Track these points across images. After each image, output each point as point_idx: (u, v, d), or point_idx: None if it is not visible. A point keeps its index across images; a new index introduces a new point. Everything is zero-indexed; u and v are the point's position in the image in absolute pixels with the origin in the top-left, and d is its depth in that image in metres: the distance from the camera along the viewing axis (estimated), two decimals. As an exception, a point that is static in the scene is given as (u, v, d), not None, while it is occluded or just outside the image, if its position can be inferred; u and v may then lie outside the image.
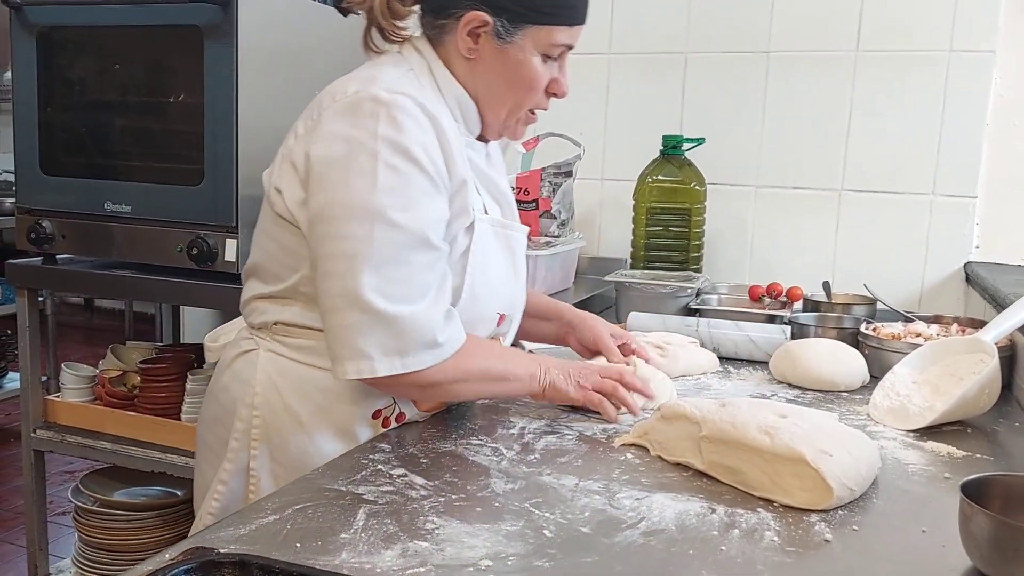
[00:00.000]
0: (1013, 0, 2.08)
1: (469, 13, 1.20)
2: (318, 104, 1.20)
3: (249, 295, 1.29)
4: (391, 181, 1.12)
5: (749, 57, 2.29)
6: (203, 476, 1.31)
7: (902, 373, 1.43)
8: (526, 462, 1.12)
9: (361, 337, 1.12)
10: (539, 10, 1.21)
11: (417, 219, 1.14)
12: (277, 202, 1.20)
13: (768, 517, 0.98)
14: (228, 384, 1.27)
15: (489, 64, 1.23)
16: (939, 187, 2.16)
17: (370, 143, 1.12)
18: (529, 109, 1.29)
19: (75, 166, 2.17)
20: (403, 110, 1.14)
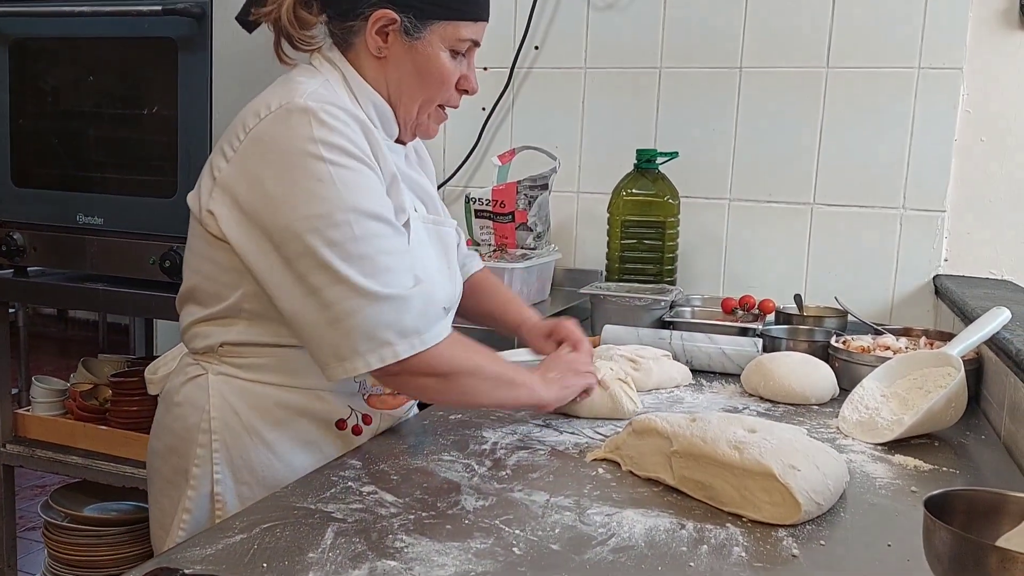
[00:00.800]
0: (980, 18, 2.11)
1: (377, 12, 1.22)
2: (241, 124, 1.19)
3: (188, 321, 1.27)
4: (345, 178, 1.13)
5: (722, 73, 2.31)
6: (161, 509, 1.28)
7: (871, 386, 1.45)
8: (497, 478, 1.12)
9: (375, 327, 1.11)
10: (444, 5, 1.24)
11: (381, 207, 1.16)
12: (211, 224, 1.18)
13: (737, 532, 0.99)
14: (180, 413, 1.25)
15: (399, 62, 1.25)
16: (908, 201, 2.19)
17: (313, 149, 1.13)
18: (439, 105, 1.31)
19: (47, 178, 2.15)
20: (330, 114, 1.15)
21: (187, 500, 1.22)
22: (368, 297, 1.11)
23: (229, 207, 1.17)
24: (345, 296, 1.11)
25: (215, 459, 1.21)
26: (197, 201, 1.22)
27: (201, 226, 1.21)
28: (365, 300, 1.11)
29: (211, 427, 1.21)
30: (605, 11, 2.41)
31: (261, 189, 1.14)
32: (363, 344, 1.12)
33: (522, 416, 1.38)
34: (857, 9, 2.18)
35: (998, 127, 2.13)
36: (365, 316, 1.11)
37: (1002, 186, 2.14)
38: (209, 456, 1.22)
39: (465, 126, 2.53)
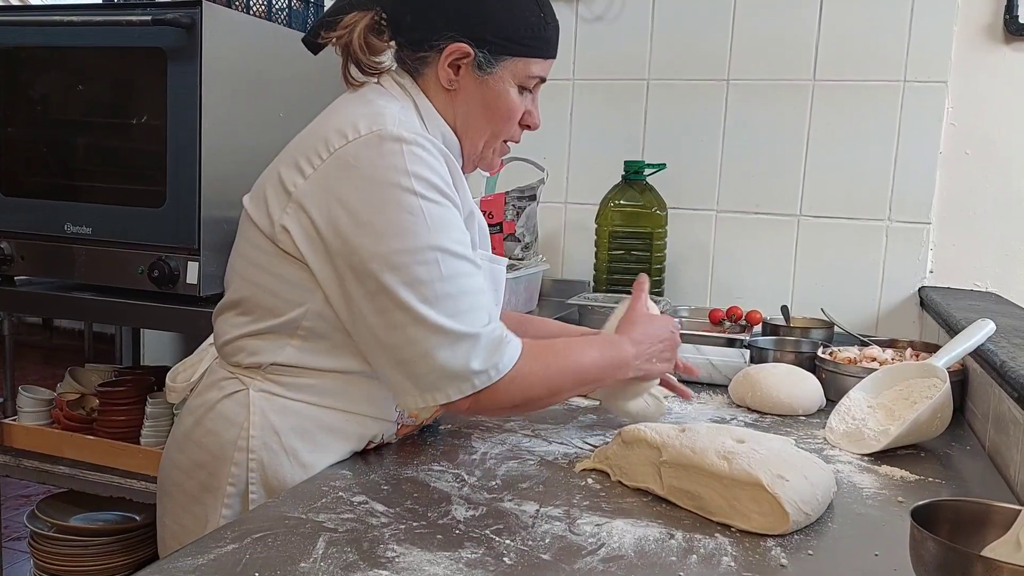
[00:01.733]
0: (965, 33, 2.14)
1: (452, 45, 1.22)
2: (323, 142, 1.16)
3: (235, 334, 1.23)
4: (434, 214, 1.12)
5: (709, 85, 2.33)
6: (180, 525, 1.25)
7: (857, 397, 1.46)
8: (487, 488, 1.13)
9: (454, 363, 1.10)
10: (519, 42, 1.24)
11: (465, 245, 1.16)
12: (284, 241, 1.16)
13: (725, 542, 0.99)
14: (215, 428, 1.21)
15: (469, 95, 1.25)
16: (894, 213, 2.21)
17: (405, 182, 1.11)
18: (503, 140, 1.31)
19: (36, 187, 2.14)
20: (423, 147, 1.14)
21: (221, 519, 1.18)
22: (450, 336, 1.10)
23: (307, 226, 1.14)
24: (426, 335, 1.10)
25: (251, 479, 1.18)
26: (265, 213, 1.19)
27: (269, 240, 1.18)
28: (447, 339, 1.10)
29: (249, 445, 1.18)
30: (593, 23, 2.43)
31: (347, 215, 1.12)
32: (442, 379, 1.11)
33: (511, 426, 1.39)
34: (843, 23, 2.21)
35: (982, 140, 2.16)
36: (445, 354, 1.10)
37: (986, 198, 2.17)
38: (245, 475, 1.18)
39: (454, 137, 2.53)
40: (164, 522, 1.28)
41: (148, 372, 2.33)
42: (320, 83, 2.38)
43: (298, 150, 1.19)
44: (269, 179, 1.21)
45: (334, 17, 1.26)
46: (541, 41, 1.26)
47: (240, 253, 1.25)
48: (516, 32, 1.23)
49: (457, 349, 1.10)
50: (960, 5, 2.13)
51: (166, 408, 2.09)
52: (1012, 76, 2.12)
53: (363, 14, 1.25)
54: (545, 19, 1.26)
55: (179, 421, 1.29)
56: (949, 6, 2.13)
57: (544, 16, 1.26)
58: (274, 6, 2.29)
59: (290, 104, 2.21)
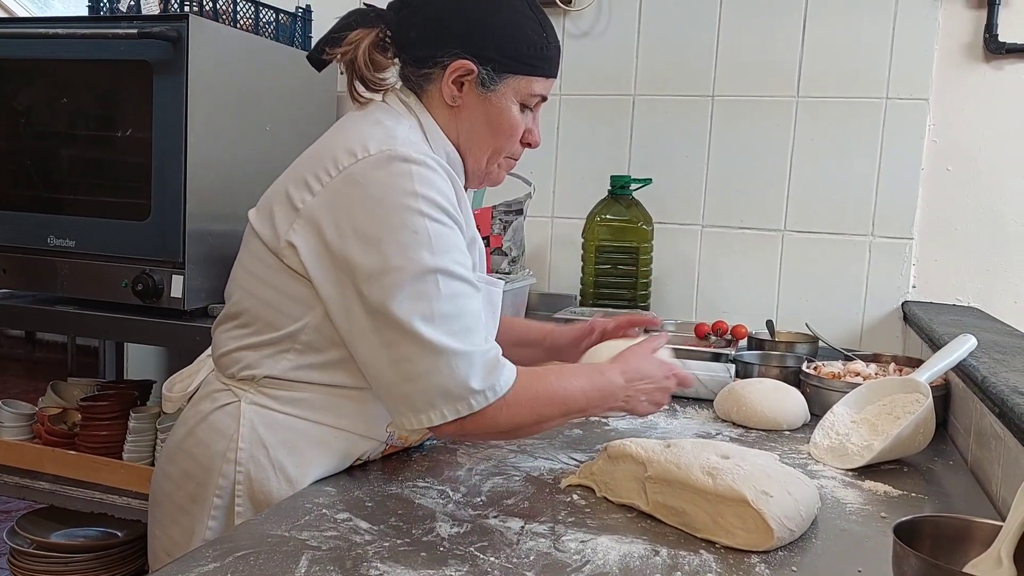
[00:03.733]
0: (946, 51, 2.17)
1: (456, 62, 1.23)
2: (331, 160, 1.17)
3: (232, 346, 1.23)
4: (439, 234, 1.13)
5: (695, 101, 2.35)
6: (168, 536, 1.25)
7: (841, 412, 1.47)
8: (472, 504, 1.12)
9: (451, 383, 1.10)
10: (522, 61, 1.25)
11: (466, 266, 1.16)
12: (289, 256, 1.16)
13: (710, 559, 0.99)
14: (205, 439, 1.21)
15: (472, 112, 1.26)
16: (877, 228, 2.23)
17: (412, 202, 1.12)
18: (505, 156, 1.32)
19: (18, 199, 2.13)
20: (431, 168, 1.15)
21: (208, 531, 1.19)
22: (446, 355, 1.10)
23: (313, 242, 1.15)
24: (424, 354, 1.10)
25: (237, 491, 1.18)
26: (271, 228, 1.19)
27: (273, 255, 1.18)
28: (443, 358, 1.10)
29: (237, 458, 1.18)
30: (580, 39, 2.44)
31: (353, 233, 1.12)
32: (438, 398, 1.11)
33: (497, 441, 1.39)
34: (826, 41, 2.23)
35: (963, 156, 2.18)
36: (442, 373, 1.10)
37: (968, 214, 2.19)
38: (231, 488, 1.18)
39: (441, 151, 2.54)
40: (154, 532, 1.29)
41: (131, 386, 2.32)
42: (306, 97, 2.38)
43: (306, 167, 1.20)
44: (276, 195, 1.22)
45: (339, 34, 1.26)
46: (543, 60, 1.28)
47: (243, 266, 1.25)
48: (519, 51, 1.24)
49: (454, 368, 1.11)
50: (941, 24, 2.16)
51: (149, 423, 2.08)
52: (992, 94, 2.15)
53: (368, 31, 1.26)
54: (547, 39, 1.28)
55: (172, 431, 1.30)
56: (930, 25, 2.16)
57: (547, 36, 1.28)
58: (261, 19, 2.30)
59: (276, 118, 2.21)
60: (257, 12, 2.28)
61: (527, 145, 1.34)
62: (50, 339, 5.99)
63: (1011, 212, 2.16)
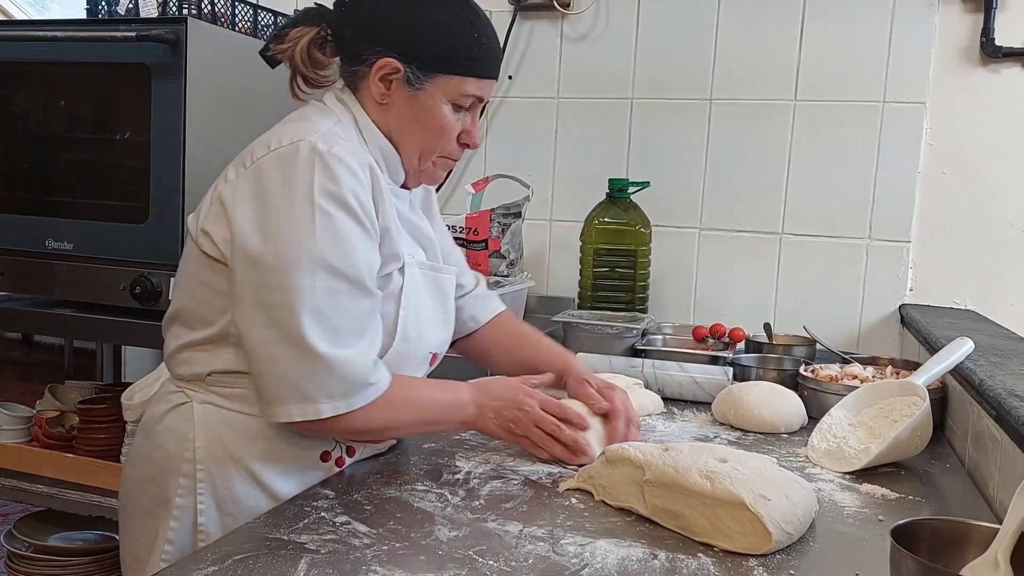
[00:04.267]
0: (942, 55, 2.17)
1: (381, 60, 1.24)
2: (250, 153, 1.21)
3: (175, 345, 1.26)
4: (329, 229, 1.14)
5: (692, 104, 2.35)
6: (135, 541, 1.26)
7: (838, 415, 1.47)
8: (471, 508, 1.13)
9: (304, 381, 1.12)
10: (448, 61, 1.25)
11: (355, 266, 1.16)
12: (205, 244, 1.20)
13: (708, 562, 0.99)
14: (161, 442, 1.23)
15: (400, 109, 1.27)
16: (874, 231, 2.24)
17: (307, 193, 1.13)
18: (442, 155, 1.32)
19: (16, 202, 2.13)
20: (338, 160, 1.16)
21: (169, 531, 1.20)
22: (305, 351, 1.12)
23: (220, 229, 1.18)
24: (280, 344, 1.12)
25: (199, 489, 1.19)
26: (195, 220, 1.23)
27: (196, 246, 1.21)
28: (302, 353, 1.12)
29: (195, 456, 1.20)
30: (578, 42, 2.45)
31: (249, 220, 1.15)
32: (287, 394, 1.13)
33: (496, 445, 1.39)
34: (824, 45, 2.24)
35: (960, 160, 2.18)
36: (297, 368, 1.12)
37: (965, 217, 2.19)
38: (193, 486, 1.20)
39: (439, 154, 2.54)
40: (123, 539, 1.31)
41: (129, 389, 2.31)
42: (305, 100, 2.38)
43: (232, 162, 1.24)
44: (209, 191, 1.25)
45: (283, 31, 1.29)
46: (474, 61, 1.27)
47: (181, 265, 1.28)
48: (446, 50, 1.25)
49: (311, 368, 1.12)
50: (938, 28, 2.17)
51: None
52: (989, 97, 2.15)
53: (308, 28, 1.28)
54: (479, 39, 1.27)
55: (135, 437, 1.32)
56: (927, 29, 2.17)
57: (479, 36, 1.27)
58: (259, 22, 2.30)
59: (275, 121, 2.19)
60: (255, 15, 2.28)
61: (465, 146, 1.33)
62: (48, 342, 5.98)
63: (1008, 215, 2.17)
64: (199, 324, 1.23)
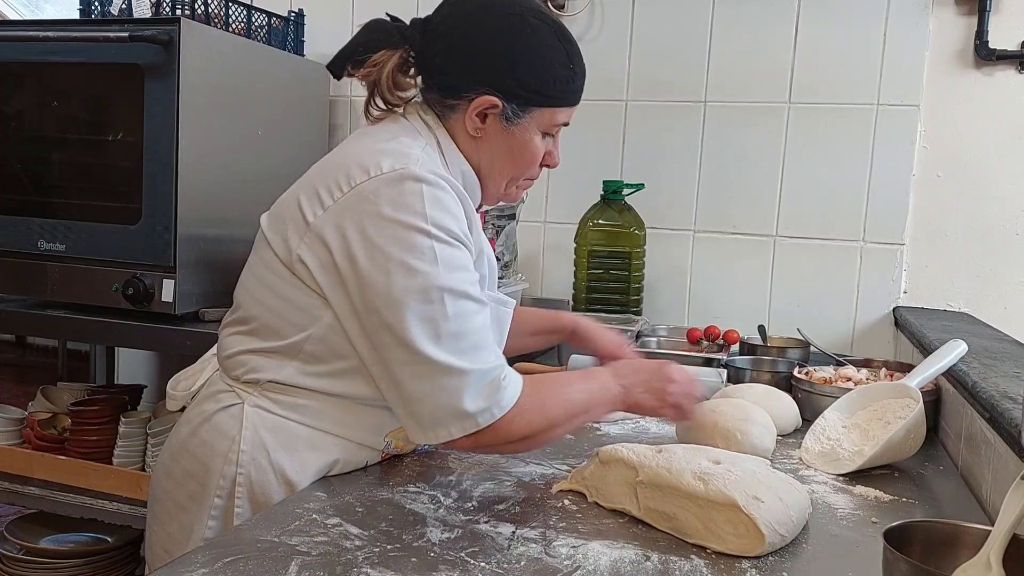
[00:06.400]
0: (937, 58, 2.18)
1: (481, 97, 1.23)
2: (344, 176, 1.17)
3: (238, 348, 1.24)
4: (447, 257, 1.14)
5: (687, 106, 2.35)
6: (167, 533, 1.25)
7: (832, 417, 1.47)
8: (463, 510, 1.12)
9: (457, 401, 1.12)
10: (547, 95, 1.26)
11: (473, 287, 1.17)
12: (301, 271, 1.17)
13: (701, 564, 0.99)
14: (208, 439, 1.22)
15: (494, 143, 1.27)
16: (868, 234, 2.24)
17: (421, 223, 1.13)
18: (525, 178, 1.34)
19: (8, 203, 2.12)
20: (443, 189, 1.16)
21: (207, 529, 1.19)
22: (450, 374, 1.11)
23: (324, 258, 1.16)
24: (431, 374, 1.11)
25: (237, 492, 1.19)
26: (282, 240, 1.20)
27: (285, 267, 1.19)
28: (450, 379, 1.12)
29: (238, 460, 1.19)
30: (573, 44, 2.44)
31: (362, 251, 1.13)
32: (446, 417, 1.13)
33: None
34: (818, 47, 2.24)
35: (954, 162, 2.19)
36: (448, 393, 1.12)
37: (959, 220, 2.20)
38: (231, 489, 1.19)
39: (434, 155, 2.54)
40: (153, 529, 1.29)
41: (122, 391, 2.31)
42: (299, 101, 2.38)
43: (319, 180, 1.20)
44: (288, 205, 1.22)
45: (363, 56, 1.26)
46: (568, 92, 1.28)
47: (253, 272, 1.26)
48: (545, 85, 1.25)
49: (461, 388, 1.12)
50: (932, 31, 2.17)
51: (139, 428, 2.07)
52: (983, 100, 2.16)
53: (392, 53, 1.26)
54: (574, 70, 1.28)
55: (176, 430, 1.30)
56: (921, 31, 2.17)
57: (573, 67, 1.28)
58: (253, 23, 2.29)
59: (269, 122, 2.21)
60: (249, 15, 2.27)
61: (545, 166, 1.34)
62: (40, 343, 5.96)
63: (1002, 218, 2.17)
64: (270, 335, 1.21)
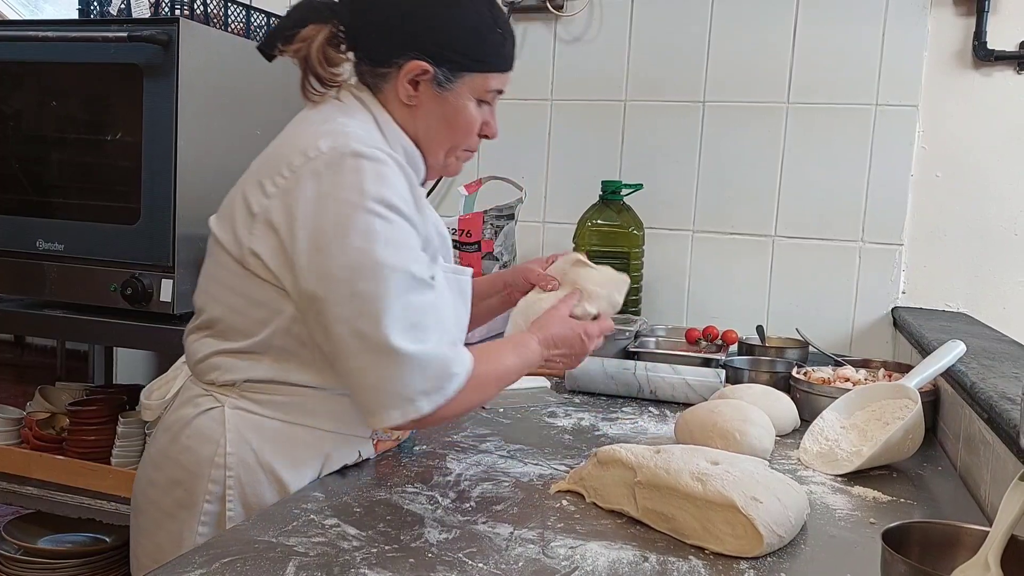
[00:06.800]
0: (935, 58, 2.18)
1: (411, 63, 1.22)
2: (286, 161, 1.17)
3: (207, 351, 1.23)
4: (389, 234, 1.13)
5: (685, 106, 2.35)
6: (155, 544, 1.24)
7: (830, 418, 1.47)
8: (461, 510, 1.12)
9: (400, 384, 1.11)
10: (478, 59, 1.25)
11: (417, 264, 1.16)
12: (253, 263, 1.17)
13: (699, 565, 0.99)
14: (191, 444, 1.21)
15: (428, 110, 1.26)
16: (867, 234, 2.24)
17: (361, 200, 1.12)
18: (464, 149, 1.33)
19: (7, 203, 2.12)
20: (383, 163, 1.15)
21: (198, 536, 1.18)
22: (390, 356, 1.10)
23: (274, 246, 1.15)
24: (367, 354, 1.11)
25: (228, 495, 1.18)
26: (232, 236, 1.19)
27: (238, 263, 1.18)
28: (388, 359, 1.11)
29: (226, 462, 1.18)
30: (572, 44, 2.44)
31: (306, 234, 1.12)
32: (387, 399, 1.12)
33: (487, 447, 1.38)
34: (817, 47, 2.24)
35: (952, 163, 2.19)
36: (393, 378, 1.11)
37: (957, 220, 2.20)
38: (222, 492, 1.18)
39: (432, 155, 2.54)
40: (139, 540, 1.28)
41: (120, 391, 2.31)
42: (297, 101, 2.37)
43: (262, 171, 1.20)
44: (235, 200, 1.21)
45: (292, 31, 1.25)
46: (499, 57, 1.28)
47: (210, 275, 1.25)
48: (475, 49, 1.24)
49: (401, 370, 1.11)
50: (931, 31, 2.17)
51: (138, 428, 2.07)
52: (981, 100, 2.16)
53: (320, 27, 1.25)
54: (503, 35, 1.27)
55: (154, 439, 1.29)
56: (920, 32, 2.17)
57: (502, 32, 1.27)
58: (252, 23, 2.29)
59: (267, 121, 2.19)
60: (248, 16, 2.27)
61: (484, 137, 1.34)
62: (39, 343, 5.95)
63: (1000, 218, 2.17)
64: (236, 335, 1.21)
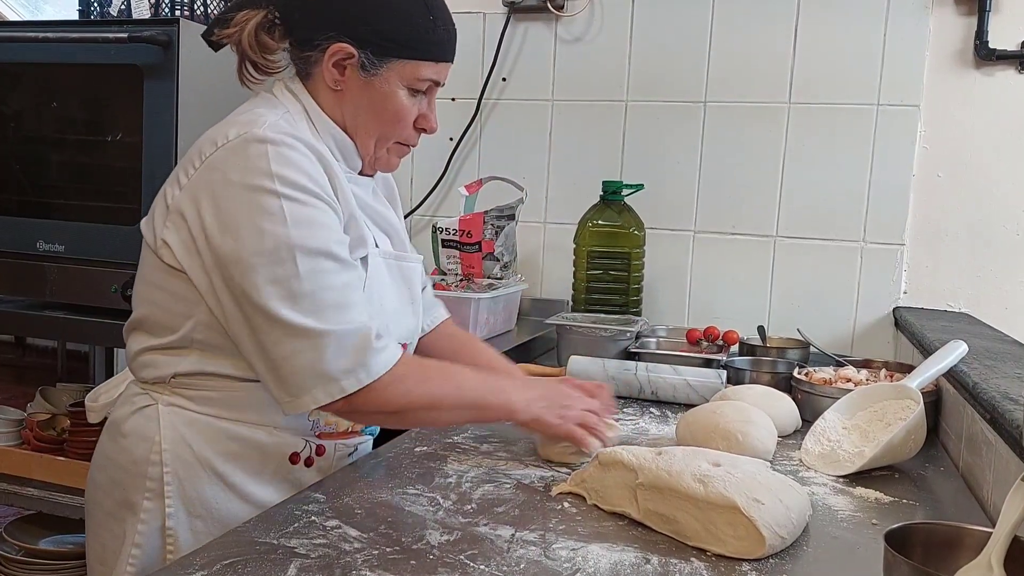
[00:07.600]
0: (937, 58, 2.17)
1: (334, 45, 1.22)
2: (197, 153, 1.18)
3: (137, 349, 1.24)
4: (298, 214, 1.12)
5: (686, 107, 2.35)
6: (102, 544, 1.24)
7: (832, 419, 1.46)
8: (463, 512, 1.12)
9: (318, 363, 1.11)
10: (404, 45, 1.23)
11: (330, 243, 1.15)
12: (165, 254, 1.17)
13: (701, 567, 0.99)
14: (126, 444, 1.22)
15: (355, 96, 1.25)
16: (869, 234, 2.23)
17: (267, 183, 1.12)
18: (398, 141, 1.31)
19: (7, 204, 2.12)
20: (290, 147, 1.15)
21: (137, 535, 1.19)
22: (308, 336, 1.10)
23: (184, 236, 1.15)
24: (287, 337, 1.10)
25: (167, 492, 1.18)
26: (151, 230, 1.21)
27: (155, 255, 1.19)
28: (306, 339, 1.10)
29: (162, 459, 1.19)
30: (572, 44, 2.44)
31: (212, 220, 1.13)
32: (309, 381, 1.12)
33: (488, 449, 1.38)
34: (818, 47, 2.24)
35: (954, 163, 2.18)
36: (308, 356, 1.11)
37: (959, 220, 2.19)
38: (160, 489, 1.19)
39: (432, 156, 2.54)
40: (89, 543, 1.29)
41: (121, 392, 2.30)
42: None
43: (180, 164, 1.21)
44: (158, 196, 1.22)
45: (228, 15, 1.25)
46: (429, 44, 1.25)
47: (139, 272, 1.26)
48: (401, 34, 1.22)
49: (320, 349, 1.10)
50: (932, 31, 2.17)
51: (139, 429, 2.06)
52: (983, 100, 2.15)
53: (255, 12, 1.24)
54: (435, 22, 1.25)
55: (99, 440, 1.29)
56: (921, 32, 2.17)
57: (434, 19, 1.25)
58: (252, 24, 2.29)
59: (267, 122, 2.20)
60: (248, 16, 2.27)
61: (422, 131, 1.32)
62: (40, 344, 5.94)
63: (1002, 218, 2.17)
64: (162, 331, 1.21)
